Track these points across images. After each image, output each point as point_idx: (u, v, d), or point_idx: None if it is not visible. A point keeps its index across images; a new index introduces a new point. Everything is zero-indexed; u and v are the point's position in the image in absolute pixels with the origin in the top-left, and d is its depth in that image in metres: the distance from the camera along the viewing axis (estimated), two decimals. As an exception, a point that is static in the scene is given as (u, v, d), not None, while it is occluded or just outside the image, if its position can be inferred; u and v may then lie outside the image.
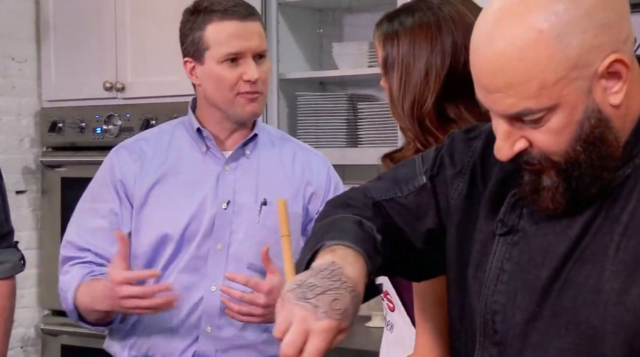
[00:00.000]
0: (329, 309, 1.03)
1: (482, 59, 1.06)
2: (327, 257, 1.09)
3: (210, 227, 1.93)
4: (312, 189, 2.01)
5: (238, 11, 1.91)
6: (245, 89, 1.91)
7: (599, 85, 1.05)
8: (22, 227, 3.44)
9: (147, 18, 3.18)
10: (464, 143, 1.24)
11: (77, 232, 1.98)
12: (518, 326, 1.11)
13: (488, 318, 1.14)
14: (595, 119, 1.05)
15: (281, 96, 3.23)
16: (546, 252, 1.10)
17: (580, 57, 1.03)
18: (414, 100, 1.46)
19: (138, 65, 3.21)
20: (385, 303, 1.58)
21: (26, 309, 3.46)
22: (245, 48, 1.90)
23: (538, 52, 1.02)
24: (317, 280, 1.05)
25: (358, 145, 3.12)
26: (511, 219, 1.15)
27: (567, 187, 1.08)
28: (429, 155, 1.28)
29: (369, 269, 1.13)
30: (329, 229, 1.17)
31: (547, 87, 1.03)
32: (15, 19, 3.41)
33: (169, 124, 2.07)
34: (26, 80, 3.45)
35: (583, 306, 1.06)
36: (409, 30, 1.47)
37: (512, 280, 1.13)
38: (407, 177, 1.26)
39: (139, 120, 3.17)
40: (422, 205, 1.24)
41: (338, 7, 3.37)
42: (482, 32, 1.06)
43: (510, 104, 1.05)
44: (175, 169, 1.97)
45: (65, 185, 3.38)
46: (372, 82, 3.26)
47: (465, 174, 1.22)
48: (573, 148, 1.06)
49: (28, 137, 3.47)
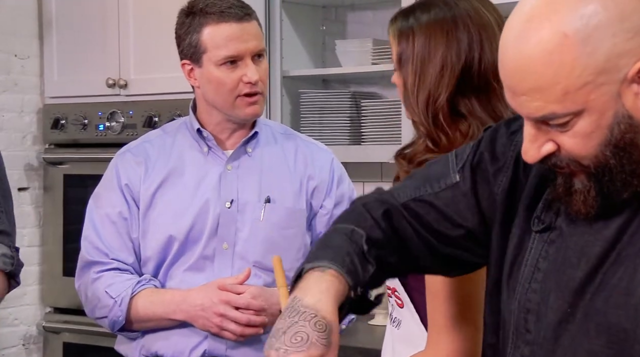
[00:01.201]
0: (290, 346, 1.07)
1: (509, 60, 1.05)
2: (293, 292, 1.14)
3: (215, 226, 1.93)
4: (315, 183, 2.00)
5: (234, 13, 1.89)
6: (245, 91, 1.91)
7: (630, 90, 1.02)
8: (24, 225, 3.43)
9: (150, 14, 3.17)
10: (506, 136, 1.23)
11: (97, 235, 1.97)
12: (550, 326, 1.10)
13: (521, 317, 1.14)
14: (625, 124, 1.03)
15: (284, 93, 3.22)
16: (581, 253, 1.09)
17: (609, 62, 1.01)
18: (429, 95, 1.46)
19: (141, 62, 3.20)
20: (393, 300, 1.57)
21: (28, 307, 3.45)
22: (243, 50, 1.90)
23: (563, 57, 1.01)
24: (281, 323, 1.10)
25: (361, 143, 3.11)
26: (548, 216, 1.14)
27: (598, 191, 1.07)
28: (464, 152, 1.26)
29: (350, 284, 1.14)
30: (317, 246, 1.21)
31: (571, 92, 1.02)
32: (18, 15, 3.40)
33: (172, 125, 2.07)
34: (29, 77, 3.45)
35: (614, 309, 1.05)
36: (425, 25, 1.47)
37: (546, 279, 1.12)
38: (439, 174, 1.25)
39: (141, 117, 3.17)
40: (457, 204, 1.23)
41: (341, 5, 3.36)
42: (510, 33, 1.05)
43: (536, 107, 1.04)
44: (179, 171, 1.97)
45: (67, 182, 3.37)
46: (375, 80, 3.25)
47: (508, 168, 1.20)
48: (602, 153, 1.05)
49: (30, 134, 3.46)
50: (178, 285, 1.93)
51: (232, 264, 1.93)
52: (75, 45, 3.36)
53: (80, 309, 2.06)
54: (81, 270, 1.98)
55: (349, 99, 3.16)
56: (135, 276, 1.94)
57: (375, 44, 3.09)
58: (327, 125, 3.17)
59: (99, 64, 3.29)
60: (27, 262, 3.44)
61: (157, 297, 1.91)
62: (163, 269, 1.95)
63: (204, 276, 1.92)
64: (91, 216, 1.99)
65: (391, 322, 1.59)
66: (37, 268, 3.47)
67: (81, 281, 1.98)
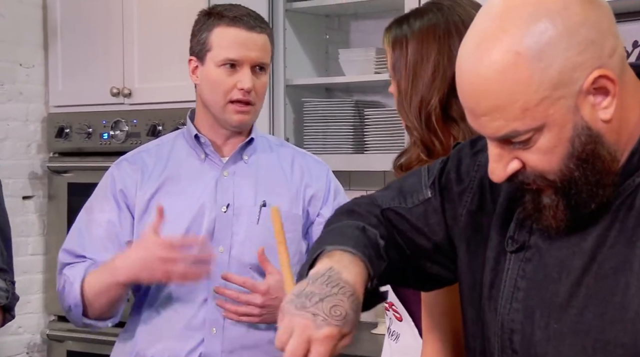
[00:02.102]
0: (328, 316, 1.04)
1: (466, 83, 1.06)
2: (325, 263, 1.10)
3: (211, 230, 1.95)
4: (312, 191, 2.02)
5: (246, 21, 1.95)
6: (237, 97, 1.93)
7: (586, 102, 1.04)
8: (28, 233, 3.44)
9: (154, 24, 3.19)
10: (470, 157, 1.24)
11: (77, 241, 1.99)
12: (539, 344, 1.10)
13: (505, 338, 1.13)
14: (585, 136, 1.04)
15: (287, 102, 3.23)
16: (562, 267, 1.09)
17: (563, 76, 1.02)
18: (422, 99, 1.47)
19: (145, 71, 3.22)
20: (391, 314, 1.57)
21: (32, 315, 3.46)
22: (244, 57, 1.93)
23: (517, 75, 1.02)
24: (314, 288, 1.06)
25: (364, 152, 3.12)
26: (521, 235, 1.14)
27: (566, 204, 1.07)
28: (434, 167, 1.27)
29: (371, 273, 1.13)
30: (331, 236, 1.18)
31: (530, 109, 1.03)
32: (23, 25, 3.42)
33: (168, 136, 2.10)
34: (33, 86, 3.46)
35: (610, 324, 1.05)
36: (418, 32, 1.49)
37: (528, 297, 1.12)
38: (412, 188, 1.26)
39: (145, 126, 3.18)
40: (428, 219, 1.24)
41: (344, 14, 3.37)
42: (464, 57, 1.07)
43: (497, 126, 1.05)
44: (175, 177, 1.99)
45: (72, 190, 3.38)
46: (378, 89, 3.26)
47: (473, 188, 1.22)
48: (567, 166, 1.06)
49: (35, 143, 3.47)
50: (174, 288, 1.94)
51: (228, 268, 1.94)
52: (80, 55, 3.38)
53: (84, 318, 2.06)
54: (57, 273, 1.99)
55: (352, 108, 3.17)
56: (93, 262, 1.94)
57: (378, 53, 3.10)
58: (330, 133, 3.17)
59: (103, 73, 3.30)
60: (31, 271, 3.46)
61: (102, 267, 1.90)
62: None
63: (200, 280, 1.92)
64: (78, 224, 2.01)
65: (389, 335, 1.59)
66: (41, 276, 3.48)
67: (58, 285, 1.98)
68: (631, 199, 1.07)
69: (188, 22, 2.05)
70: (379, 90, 3.27)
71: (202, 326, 1.93)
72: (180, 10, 3.10)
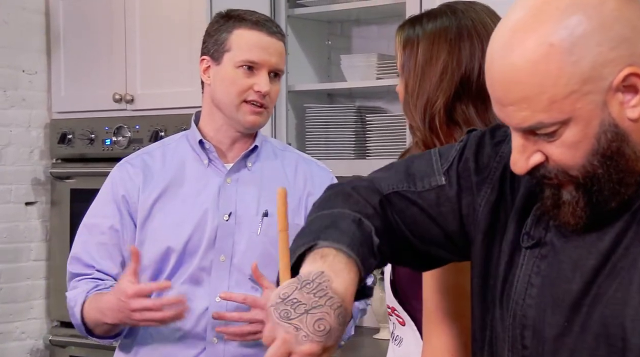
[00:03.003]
0: (311, 332, 1.02)
1: (496, 71, 1.06)
2: (317, 264, 1.08)
3: (212, 239, 1.94)
4: (314, 199, 2.00)
5: (268, 26, 1.96)
6: (252, 98, 1.93)
7: (615, 99, 1.03)
8: (31, 239, 3.45)
9: (157, 30, 3.20)
10: (490, 147, 1.22)
11: (83, 248, 2.00)
12: (548, 341, 1.10)
13: (517, 333, 1.13)
14: (611, 133, 1.04)
15: (290, 108, 3.24)
16: (576, 266, 1.09)
17: (594, 71, 1.02)
18: (427, 99, 1.47)
19: (147, 77, 3.22)
20: (394, 318, 1.57)
21: (34, 321, 3.46)
22: (264, 60, 1.94)
23: (549, 66, 1.02)
24: (302, 296, 1.04)
25: (366, 158, 3.12)
26: (537, 231, 1.14)
27: (587, 201, 1.07)
28: (448, 153, 1.24)
29: (362, 274, 1.11)
30: (325, 226, 1.14)
31: (558, 101, 1.02)
32: (26, 31, 3.43)
33: (172, 138, 2.09)
34: (36, 92, 3.47)
35: (611, 319, 1.05)
36: (430, 33, 1.49)
37: (541, 294, 1.12)
38: (422, 172, 1.23)
39: (148, 131, 3.18)
40: (440, 206, 1.21)
41: (346, 19, 3.38)
42: (496, 45, 1.07)
43: (523, 117, 1.05)
44: (178, 182, 1.99)
45: (74, 196, 3.38)
46: (380, 94, 3.26)
47: (493, 180, 1.20)
48: (590, 162, 1.05)
49: (38, 149, 3.48)
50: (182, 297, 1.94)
51: (229, 277, 1.93)
52: (83, 61, 3.38)
53: (86, 323, 2.07)
54: (68, 282, 2.01)
55: (354, 114, 3.17)
56: (97, 282, 1.95)
57: (380, 59, 3.11)
58: (332, 139, 3.17)
59: (106, 79, 3.31)
60: (34, 277, 3.47)
61: (95, 304, 1.91)
62: (162, 281, 1.95)
63: (202, 289, 1.93)
64: (83, 225, 2.02)
65: (393, 340, 1.59)
66: (43, 282, 3.48)
67: (67, 294, 2.01)
68: None
69: (190, 29, 2.06)
70: (381, 96, 3.27)
71: (204, 335, 1.93)
72: (182, 17, 3.10)
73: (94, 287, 1.94)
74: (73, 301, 1.95)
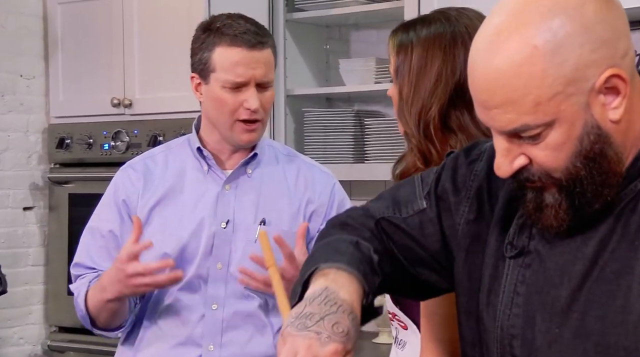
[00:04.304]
0: (331, 333, 1.03)
1: (480, 75, 1.06)
2: (320, 283, 1.09)
3: (209, 246, 1.93)
4: (314, 207, 2.00)
5: (246, 39, 1.91)
6: (244, 117, 1.92)
7: (597, 100, 1.04)
8: (29, 244, 3.44)
9: (155, 35, 3.19)
10: (465, 166, 1.23)
11: (86, 251, 2.00)
12: (540, 349, 1.09)
13: (505, 343, 1.13)
14: (594, 134, 1.05)
15: (288, 112, 3.24)
16: (563, 272, 1.09)
17: (577, 72, 1.02)
18: (422, 106, 1.47)
19: (145, 81, 3.22)
20: (396, 324, 1.57)
21: (33, 326, 3.45)
22: (249, 77, 1.91)
23: (533, 68, 1.02)
24: (313, 308, 1.05)
25: (365, 161, 3.12)
26: (521, 240, 1.14)
27: (569, 204, 1.07)
28: (428, 177, 1.26)
29: (366, 290, 1.12)
30: (324, 252, 1.17)
31: (543, 103, 1.03)
32: (24, 36, 3.42)
33: (175, 141, 2.08)
34: (34, 97, 3.47)
35: (611, 328, 1.04)
36: (424, 39, 1.49)
37: (528, 303, 1.11)
38: (406, 198, 1.26)
39: (146, 136, 3.18)
40: (423, 229, 1.23)
41: (345, 24, 3.38)
42: (479, 48, 1.07)
43: (508, 120, 1.05)
44: (178, 188, 1.98)
45: (72, 201, 3.38)
46: (378, 98, 3.27)
47: (470, 198, 1.21)
48: (573, 164, 1.06)
49: (36, 154, 3.48)
50: (173, 304, 1.94)
51: (225, 285, 1.93)
52: (81, 65, 3.38)
53: (85, 328, 2.07)
54: (72, 285, 2.01)
55: (353, 118, 3.17)
56: (99, 272, 1.96)
57: (379, 63, 3.11)
58: (331, 143, 3.17)
59: (104, 83, 3.30)
60: (32, 282, 3.46)
61: (97, 284, 1.92)
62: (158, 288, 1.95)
63: (198, 296, 1.93)
64: (88, 227, 2.02)
65: (397, 344, 1.59)
66: (41, 287, 3.47)
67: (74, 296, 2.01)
68: (633, 203, 1.07)
69: (188, 33, 2.05)
70: (379, 100, 3.27)
71: (200, 342, 1.92)
72: (180, 20, 3.10)
73: (95, 277, 1.95)
74: (77, 290, 1.96)
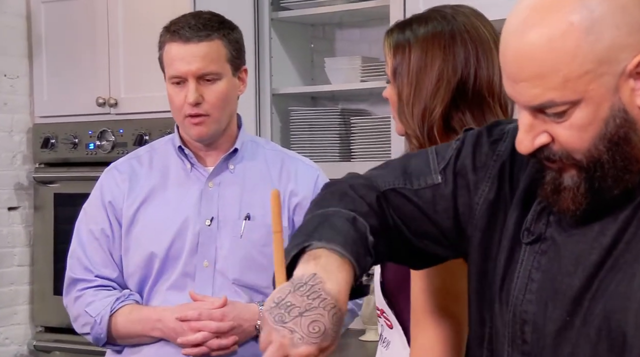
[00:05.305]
0: (306, 334, 1.03)
1: (512, 48, 1.06)
2: (310, 266, 1.08)
3: (195, 244, 1.94)
4: (297, 199, 2.00)
5: (182, 34, 1.92)
6: (187, 111, 1.92)
7: (627, 84, 1.04)
8: (14, 244, 3.42)
9: (140, 33, 3.19)
10: (488, 145, 1.22)
11: (80, 252, 1.99)
12: (549, 335, 1.10)
13: (517, 328, 1.13)
14: (620, 118, 1.04)
15: (274, 111, 3.24)
16: (578, 261, 1.09)
17: (610, 53, 1.02)
18: (425, 107, 1.45)
19: (131, 80, 3.21)
20: (383, 320, 1.57)
21: (18, 326, 3.44)
22: (184, 71, 1.91)
23: (566, 44, 1.02)
24: (295, 299, 1.05)
25: (351, 160, 3.12)
26: (538, 227, 1.14)
27: (588, 187, 1.07)
28: (445, 151, 1.24)
29: (357, 272, 1.12)
30: (319, 225, 1.14)
31: (572, 80, 1.02)
32: (7, 35, 3.41)
33: (160, 141, 2.09)
34: (18, 97, 3.45)
35: (612, 313, 1.05)
36: (422, 39, 1.47)
37: (542, 289, 1.12)
38: (418, 170, 1.24)
39: (132, 135, 3.17)
40: (435, 205, 1.22)
41: (329, 23, 3.38)
42: (514, 23, 1.06)
43: (535, 94, 1.04)
44: (161, 188, 1.99)
45: (58, 201, 3.37)
46: (364, 97, 3.27)
47: (491, 178, 1.20)
48: (596, 147, 1.05)
49: (20, 154, 3.46)
50: (161, 304, 1.94)
51: (212, 282, 1.93)
52: (65, 65, 3.37)
53: (70, 328, 2.07)
54: (67, 287, 2.01)
55: (338, 116, 3.18)
56: (116, 292, 1.96)
57: (364, 61, 3.12)
58: (317, 142, 3.18)
59: (89, 83, 3.29)
60: (18, 282, 3.44)
61: (135, 315, 1.93)
62: (147, 288, 1.96)
63: (186, 294, 1.93)
64: (79, 231, 2.02)
65: (381, 342, 1.59)
66: (27, 287, 3.46)
67: (67, 298, 2.01)
68: None
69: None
70: (364, 98, 3.28)
71: None
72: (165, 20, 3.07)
73: (116, 301, 1.94)
74: (97, 314, 1.93)
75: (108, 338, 1.95)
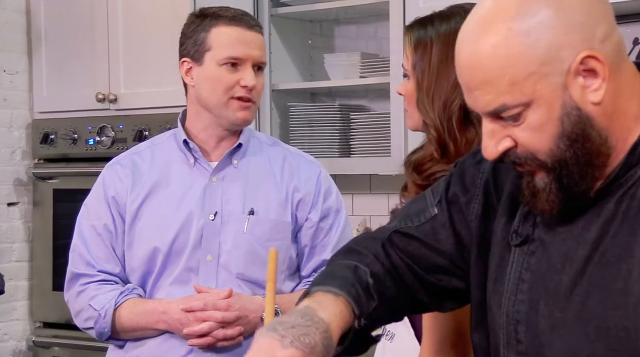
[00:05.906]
0: (295, 339, 1.06)
1: (463, 58, 1.11)
2: (304, 303, 1.14)
3: (198, 239, 1.94)
4: (300, 195, 2.01)
5: (245, 20, 1.96)
6: (240, 94, 1.93)
7: (576, 82, 1.07)
8: (14, 240, 3.43)
9: (140, 29, 3.19)
10: (473, 166, 1.27)
11: (82, 247, 1.99)
12: (543, 333, 1.12)
13: (511, 329, 1.15)
14: (574, 116, 1.07)
15: (273, 107, 3.24)
16: (565, 257, 1.12)
17: (550, 53, 1.06)
18: (446, 99, 1.49)
19: (130, 76, 3.21)
20: None
21: (17, 322, 3.44)
22: (247, 55, 1.94)
23: (508, 49, 1.06)
24: (289, 318, 1.09)
25: (350, 155, 3.13)
26: (525, 228, 1.17)
27: (559, 186, 1.10)
28: (438, 187, 1.30)
29: (356, 312, 1.16)
30: (319, 278, 1.22)
31: (519, 83, 1.06)
32: (7, 31, 3.41)
33: (161, 136, 2.09)
34: (18, 92, 3.45)
35: (612, 310, 1.07)
36: (444, 35, 1.50)
37: (533, 289, 1.14)
38: (419, 210, 1.29)
39: (131, 131, 3.18)
40: (437, 235, 1.26)
41: (328, 19, 3.39)
42: (464, 34, 1.12)
43: (488, 100, 1.09)
44: (165, 183, 1.99)
45: (57, 197, 3.37)
46: (363, 93, 3.28)
47: (478, 195, 1.25)
48: (557, 146, 1.08)
49: (20, 149, 3.46)
50: (165, 298, 1.94)
51: (216, 276, 1.94)
52: (65, 60, 3.37)
53: (69, 324, 2.07)
54: (69, 282, 2.01)
55: (338, 112, 3.18)
56: (119, 286, 1.96)
57: (363, 57, 3.12)
58: (316, 137, 3.18)
59: (89, 78, 3.29)
60: (17, 277, 3.45)
61: (140, 308, 1.93)
62: (150, 283, 1.96)
63: (190, 289, 1.93)
64: (80, 226, 2.02)
65: (385, 335, 1.60)
66: (26, 283, 3.46)
67: (69, 293, 2.01)
68: (634, 189, 1.09)
69: (173, 28, 2.05)
70: (363, 94, 3.28)
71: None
72: (165, 15, 3.10)
73: (120, 295, 1.94)
74: (102, 308, 1.93)
75: (112, 332, 1.95)
